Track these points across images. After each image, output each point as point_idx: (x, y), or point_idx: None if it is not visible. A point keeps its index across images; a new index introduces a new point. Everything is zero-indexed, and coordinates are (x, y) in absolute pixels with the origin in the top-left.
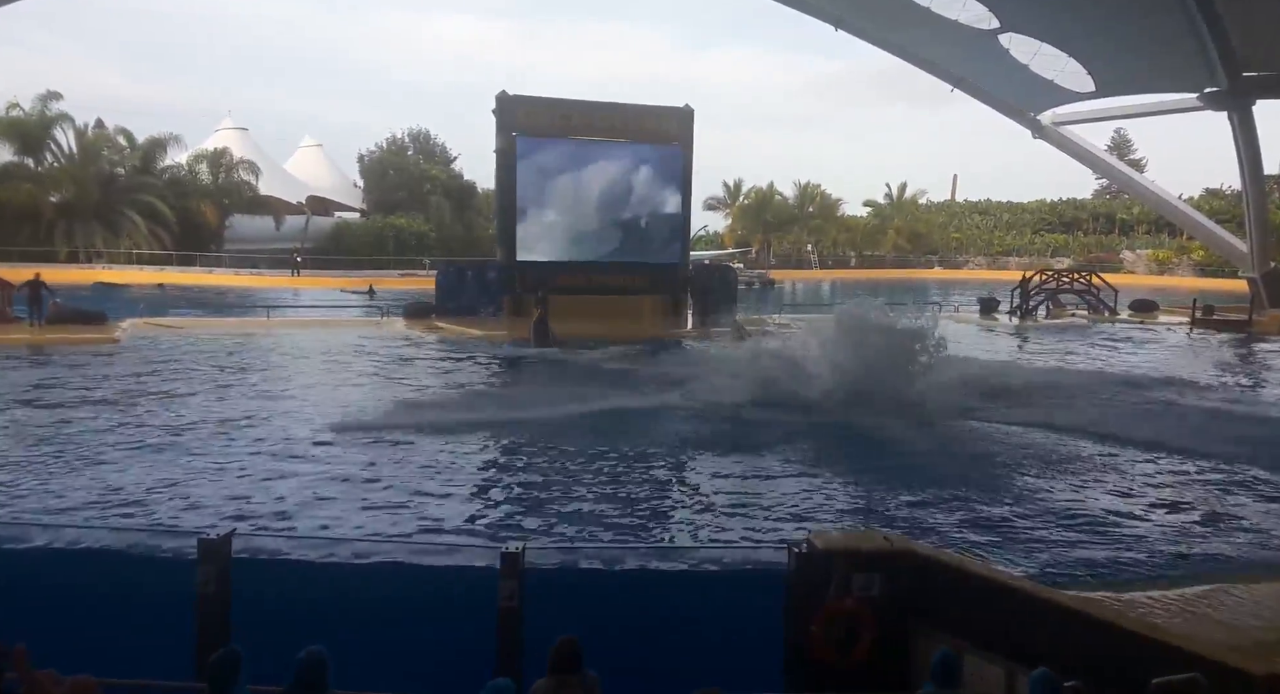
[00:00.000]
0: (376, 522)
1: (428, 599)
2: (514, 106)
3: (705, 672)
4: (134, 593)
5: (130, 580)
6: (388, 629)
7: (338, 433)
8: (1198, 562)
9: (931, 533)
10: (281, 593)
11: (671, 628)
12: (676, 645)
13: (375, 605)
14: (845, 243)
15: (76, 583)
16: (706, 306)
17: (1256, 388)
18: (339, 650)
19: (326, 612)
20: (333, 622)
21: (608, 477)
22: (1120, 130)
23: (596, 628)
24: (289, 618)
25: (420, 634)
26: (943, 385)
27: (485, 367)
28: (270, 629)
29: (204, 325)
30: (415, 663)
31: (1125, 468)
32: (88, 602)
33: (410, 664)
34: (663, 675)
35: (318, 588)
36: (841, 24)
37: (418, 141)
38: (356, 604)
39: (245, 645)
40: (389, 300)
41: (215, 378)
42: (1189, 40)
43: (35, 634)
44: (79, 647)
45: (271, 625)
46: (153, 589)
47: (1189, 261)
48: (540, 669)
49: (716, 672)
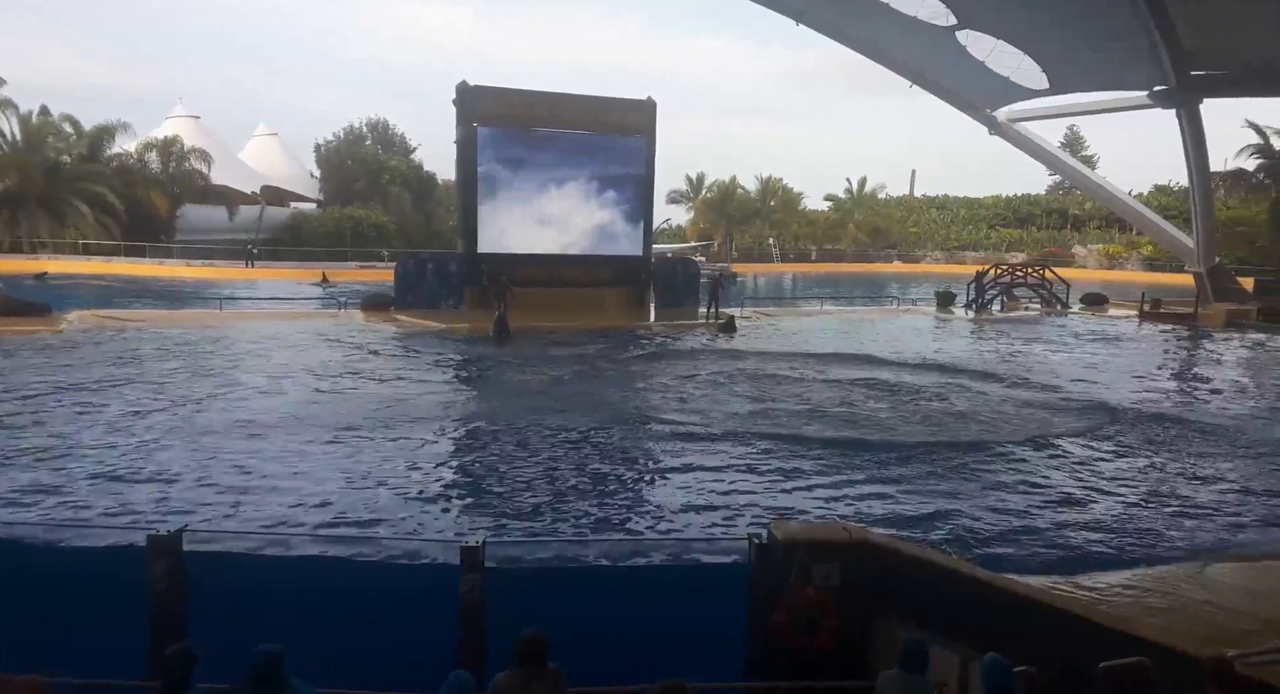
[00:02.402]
0: (328, 516)
1: (387, 594)
2: (475, 97)
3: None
4: (83, 591)
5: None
6: (347, 625)
7: (286, 428)
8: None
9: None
10: (236, 589)
11: (634, 619)
12: (639, 637)
13: (333, 601)
14: (806, 237)
15: (18, 582)
16: (671, 299)
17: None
18: (296, 647)
19: (283, 608)
20: (290, 618)
21: (565, 470)
22: (1073, 127)
23: (558, 621)
24: (244, 614)
25: (380, 629)
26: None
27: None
28: (226, 626)
29: (153, 318)
30: (375, 658)
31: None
32: (35, 600)
33: (369, 660)
34: (626, 667)
35: (273, 584)
36: (802, 18)
37: (376, 131)
38: (313, 600)
39: (201, 642)
40: (346, 293)
41: (161, 371)
42: (1140, 39)
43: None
44: (29, 645)
45: (227, 622)
46: (103, 587)
47: (1138, 256)
48: (501, 664)
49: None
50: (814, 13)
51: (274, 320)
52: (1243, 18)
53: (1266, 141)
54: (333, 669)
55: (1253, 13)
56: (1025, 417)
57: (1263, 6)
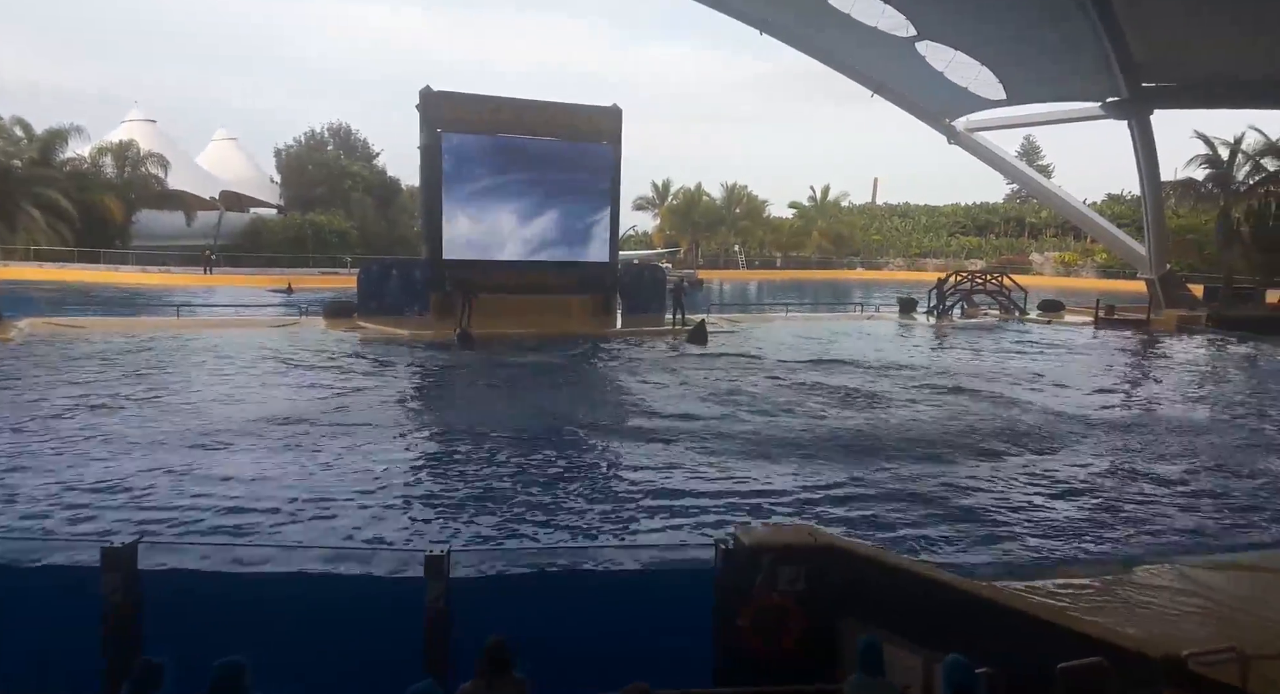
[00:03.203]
0: (289, 526)
1: (350, 606)
2: (439, 102)
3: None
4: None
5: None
6: (309, 636)
7: (244, 438)
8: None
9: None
10: (193, 602)
11: (600, 627)
12: (606, 644)
13: (294, 613)
14: (771, 244)
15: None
16: (637, 306)
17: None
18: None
19: (243, 621)
20: (250, 630)
21: (530, 478)
22: (1029, 137)
23: (524, 629)
24: (202, 628)
25: (344, 641)
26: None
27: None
28: (183, 639)
29: (108, 326)
30: (338, 671)
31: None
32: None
33: (333, 673)
34: (592, 674)
35: (231, 596)
36: (766, 28)
37: (338, 136)
38: (274, 612)
39: (155, 656)
40: (308, 300)
41: (115, 380)
42: (1093, 51)
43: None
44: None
45: (184, 636)
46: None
47: (1093, 264)
48: (467, 675)
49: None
50: (777, 22)
51: (233, 328)
52: (1192, 32)
53: (1214, 152)
54: (295, 681)
55: (1201, 27)
56: (993, 419)
57: (1211, 21)
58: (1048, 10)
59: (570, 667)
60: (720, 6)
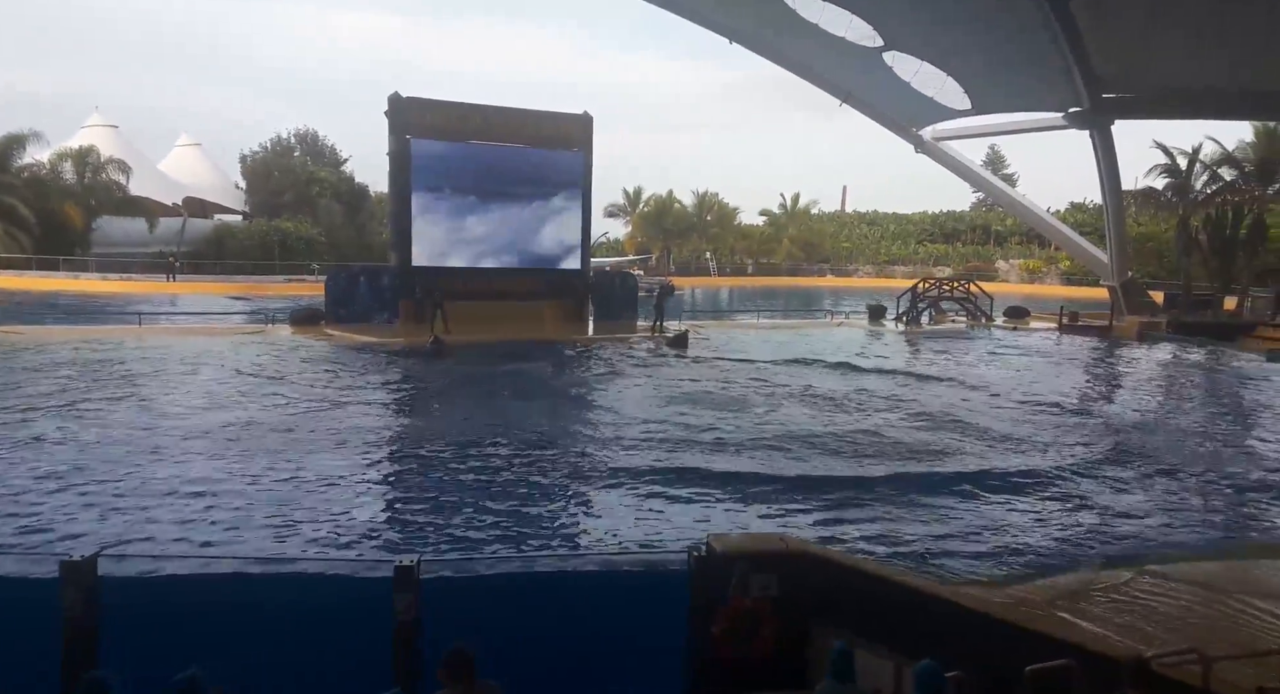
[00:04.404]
0: (255, 536)
1: (318, 618)
2: (407, 108)
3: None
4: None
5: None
6: (275, 651)
7: (209, 447)
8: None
9: None
10: (154, 616)
11: (574, 635)
12: (580, 652)
13: (259, 626)
14: (742, 251)
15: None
16: (609, 312)
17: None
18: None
19: (205, 636)
20: (213, 645)
21: (501, 486)
22: (994, 146)
23: (497, 638)
24: (162, 642)
25: (311, 655)
26: None
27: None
28: (143, 653)
29: (67, 334)
30: (305, 685)
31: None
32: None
33: (300, 687)
34: (568, 683)
35: (193, 610)
36: (735, 37)
37: (305, 142)
38: (238, 626)
39: (119, 670)
40: (274, 307)
41: (75, 389)
42: (1055, 63)
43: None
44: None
45: (145, 649)
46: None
47: (1057, 271)
48: (437, 684)
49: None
50: (747, 32)
51: (197, 336)
52: (1151, 44)
53: (1173, 161)
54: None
55: (1160, 40)
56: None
57: (1170, 35)
58: (1013, 23)
59: (545, 674)
60: (691, 16)
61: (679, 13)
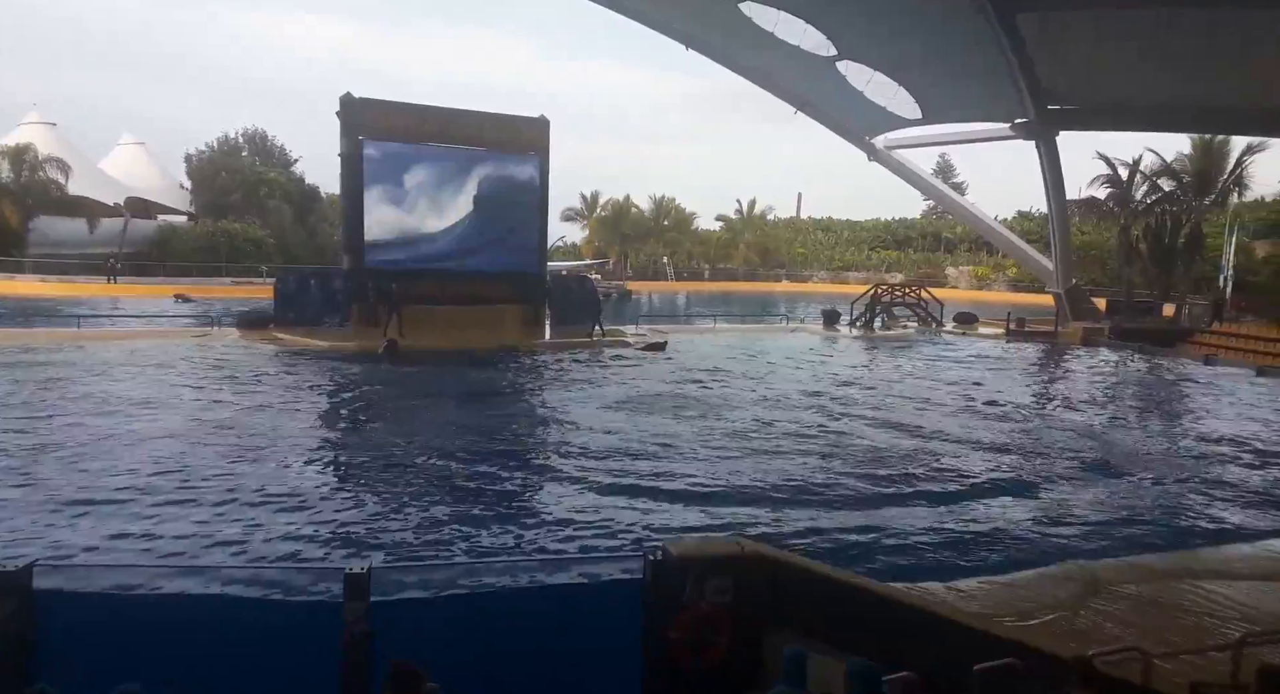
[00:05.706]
0: (199, 545)
1: (264, 629)
2: (360, 109)
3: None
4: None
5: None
6: (218, 663)
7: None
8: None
9: None
10: (94, 628)
11: (526, 643)
12: (532, 660)
13: (203, 637)
14: (699, 256)
15: None
16: (567, 317)
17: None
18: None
19: (147, 647)
20: (155, 657)
21: (451, 493)
22: (944, 155)
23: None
24: (103, 656)
25: (257, 667)
26: None
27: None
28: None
29: (1, 337)
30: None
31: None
32: None
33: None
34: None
35: (135, 621)
36: (691, 43)
37: (253, 143)
38: (181, 637)
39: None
40: (220, 310)
41: (8, 394)
42: (1003, 75)
43: None
44: None
45: (83, 665)
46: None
47: (1004, 278)
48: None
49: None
50: (703, 38)
51: (139, 339)
52: (1095, 58)
53: (1115, 172)
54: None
55: (1104, 54)
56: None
57: (1114, 49)
58: (963, 36)
59: (495, 683)
60: (648, 22)
61: (639, 19)
